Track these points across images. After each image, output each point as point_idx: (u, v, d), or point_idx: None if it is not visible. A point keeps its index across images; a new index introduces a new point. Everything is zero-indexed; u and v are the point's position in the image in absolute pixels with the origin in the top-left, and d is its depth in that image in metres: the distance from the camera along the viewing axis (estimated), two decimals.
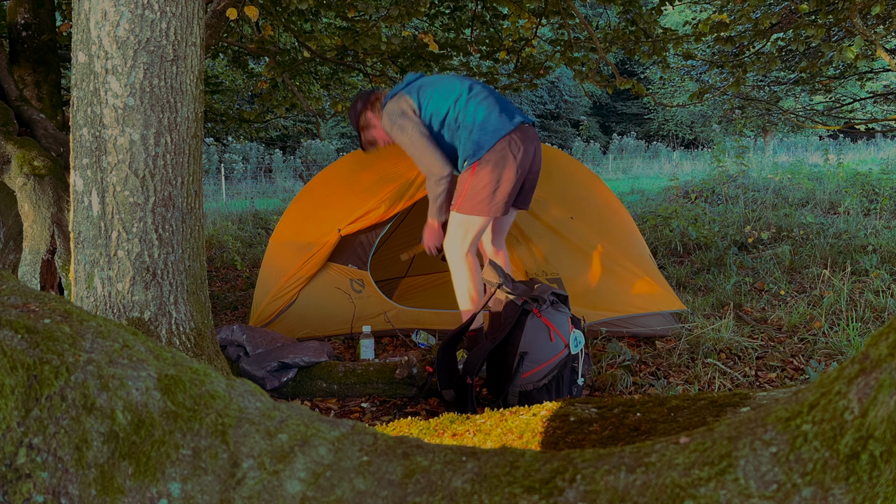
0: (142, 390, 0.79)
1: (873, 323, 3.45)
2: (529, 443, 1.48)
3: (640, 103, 30.61)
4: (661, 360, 3.09)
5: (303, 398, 2.70)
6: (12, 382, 0.74)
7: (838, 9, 4.73)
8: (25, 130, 3.45)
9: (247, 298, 4.66)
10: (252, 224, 8.63)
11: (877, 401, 0.57)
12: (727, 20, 4.93)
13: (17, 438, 0.73)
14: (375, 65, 6.05)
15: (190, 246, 2.12)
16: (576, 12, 4.86)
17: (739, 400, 1.28)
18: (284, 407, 0.84)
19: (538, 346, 2.42)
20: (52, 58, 4.30)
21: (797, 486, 0.58)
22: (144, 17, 1.92)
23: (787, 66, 8.78)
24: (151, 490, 0.73)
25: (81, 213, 2.02)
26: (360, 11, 5.07)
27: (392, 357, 3.01)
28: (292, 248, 3.50)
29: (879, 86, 13.50)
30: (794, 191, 8.64)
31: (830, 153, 11.55)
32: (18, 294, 0.91)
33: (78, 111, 1.99)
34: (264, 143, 22.22)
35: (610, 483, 0.65)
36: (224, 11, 4.02)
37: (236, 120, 7.35)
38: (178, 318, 2.10)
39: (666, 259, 5.30)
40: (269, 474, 0.74)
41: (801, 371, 2.91)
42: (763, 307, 3.84)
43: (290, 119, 12.16)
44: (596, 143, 27.37)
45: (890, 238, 5.13)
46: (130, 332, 0.89)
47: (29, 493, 0.72)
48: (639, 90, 5.24)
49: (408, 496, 0.70)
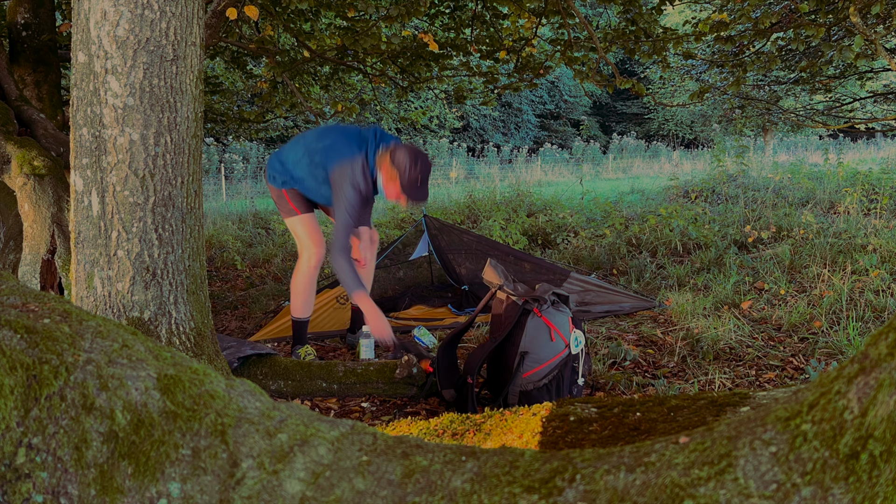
0: (141, 390, 0.79)
1: (873, 322, 3.45)
2: (529, 442, 1.48)
3: (640, 103, 30.60)
4: (661, 359, 3.09)
5: (303, 398, 2.70)
6: (12, 382, 0.74)
7: (838, 8, 4.72)
8: (25, 130, 3.45)
9: (247, 298, 4.65)
10: (252, 224, 8.63)
11: (876, 400, 0.57)
12: (727, 19, 4.93)
13: (17, 438, 0.73)
14: (375, 65, 6.05)
15: (190, 246, 2.12)
16: (576, 12, 4.86)
17: (739, 399, 1.28)
18: (284, 407, 0.84)
19: (539, 346, 2.42)
20: (52, 58, 4.30)
21: (797, 486, 0.58)
22: (144, 17, 1.92)
23: (787, 66, 8.77)
24: (151, 490, 0.73)
25: (81, 212, 2.02)
26: (359, 11, 5.07)
27: (392, 356, 3.01)
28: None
29: (879, 85, 13.50)
30: (794, 190, 8.64)
31: (830, 152, 11.53)
32: (18, 294, 0.91)
33: (78, 111, 1.99)
34: (264, 143, 22.20)
35: (609, 483, 0.65)
36: (224, 11, 4.02)
37: (236, 120, 7.34)
38: (178, 317, 2.10)
39: (666, 259, 5.30)
40: (269, 474, 0.73)
41: (801, 371, 2.91)
42: (763, 307, 3.84)
43: (290, 119, 12.17)
44: (596, 143, 27.37)
45: (890, 237, 5.13)
46: (130, 332, 0.89)
47: (28, 493, 0.72)
48: (639, 90, 5.24)
49: (407, 496, 0.70)
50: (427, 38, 4.88)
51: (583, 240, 6.10)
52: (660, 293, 4.25)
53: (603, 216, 7.20)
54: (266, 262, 6.14)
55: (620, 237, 6.02)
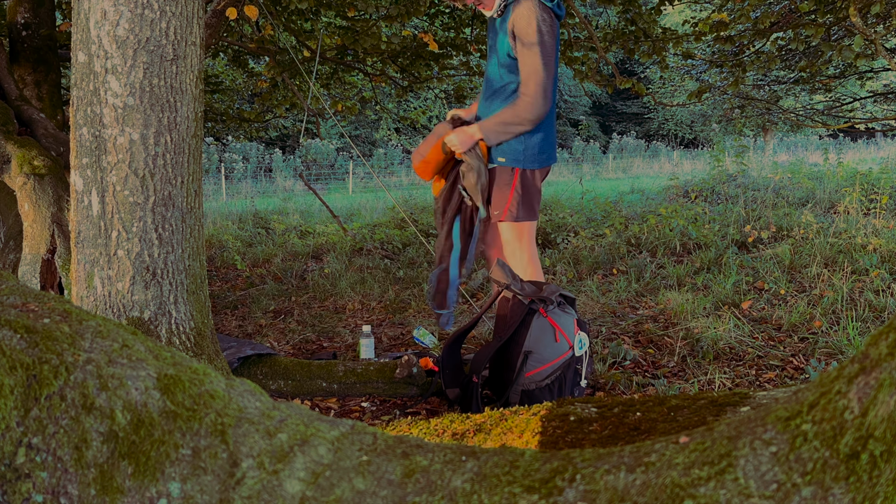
0: (141, 390, 0.79)
1: (873, 322, 3.45)
2: (529, 442, 1.48)
3: (639, 103, 30.61)
4: (661, 359, 3.09)
5: (303, 398, 2.70)
6: (11, 382, 0.74)
7: (838, 7, 4.72)
8: (25, 130, 3.45)
9: (247, 298, 4.66)
10: (252, 224, 8.63)
11: (877, 400, 0.57)
12: (727, 19, 4.93)
13: (17, 438, 0.73)
14: (375, 64, 6.05)
15: (190, 245, 2.12)
16: (576, 12, 4.86)
17: (739, 399, 1.28)
18: (284, 406, 0.84)
19: (543, 346, 2.42)
20: (52, 57, 4.30)
21: (797, 486, 0.58)
22: (144, 17, 1.92)
23: (787, 66, 8.77)
24: (151, 490, 0.73)
25: (81, 212, 2.02)
26: (359, 11, 5.07)
27: (392, 355, 3.01)
28: None
29: (879, 85, 13.50)
30: (794, 190, 8.64)
31: (830, 152, 11.54)
32: (18, 294, 0.91)
33: (78, 111, 1.99)
34: (264, 142, 22.22)
35: (609, 482, 0.65)
36: (224, 11, 4.02)
37: (236, 119, 7.35)
38: (178, 317, 2.10)
39: (666, 258, 5.30)
40: (269, 474, 0.73)
41: (801, 370, 2.91)
42: (763, 306, 3.84)
43: (290, 119, 12.16)
44: (596, 143, 27.38)
45: (890, 237, 5.13)
46: (130, 332, 0.89)
47: (28, 493, 0.72)
48: (639, 89, 5.24)
49: (407, 496, 0.70)
50: (427, 38, 4.88)
51: (583, 239, 6.10)
52: (660, 293, 4.25)
53: (603, 216, 7.20)
54: (266, 262, 6.15)
55: (620, 237, 6.02)
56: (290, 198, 13.15)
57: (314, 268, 5.71)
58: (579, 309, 3.94)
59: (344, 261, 5.79)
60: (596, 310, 4.01)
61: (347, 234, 6.46)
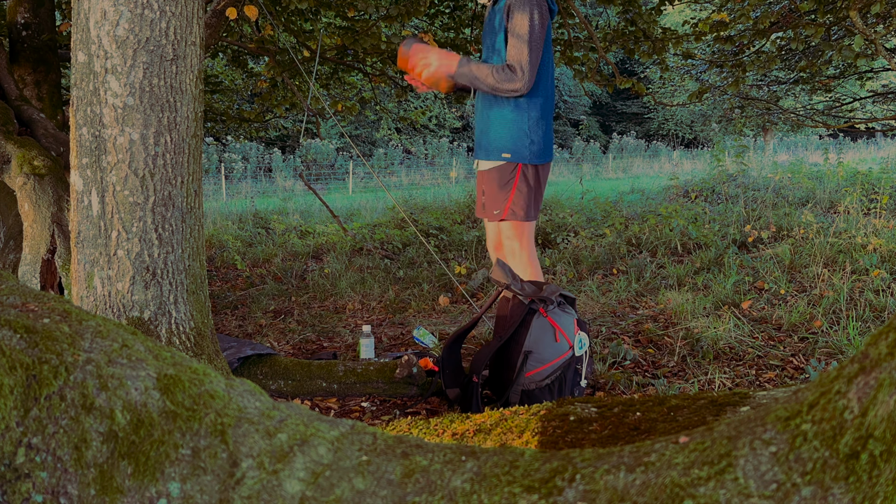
0: (141, 390, 0.79)
1: (873, 322, 3.45)
2: (529, 442, 1.48)
3: (639, 103, 30.61)
4: (661, 359, 3.09)
5: (303, 398, 2.70)
6: (11, 382, 0.74)
7: (837, 7, 4.72)
8: (25, 130, 3.45)
9: (247, 298, 4.66)
10: (252, 224, 8.63)
11: (876, 400, 0.57)
12: (727, 19, 4.93)
13: (16, 438, 0.73)
14: (375, 64, 6.05)
15: (190, 245, 2.12)
16: (576, 12, 4.86)
17: (739, 399, 1.28)
18: (284, 406, 0.84)
19: (543, 346, 2.42)
20: (52, 57, 4.30)
21: (797, 486, 0.58)
22: (144, 17, 1.92)
23: (787, 66, 8.77)
24: (151, 490, 0.73)
25: (81, 212, 2.02)
26: (359, 11, 5.07)
27: (392, 355, 3.01)
28: None
29: (879, 85, 13.50)
30: (794, 190, 8.64)
31: (830, 152, 11.54)
32: (17, 294, 0.91)
33: (78, 111, 1.99)
34: (264, 142, 22.21)
35: (609, 482, 0.65)
36: (224, 11, 4.02)
37: (236, 119, 7.34)
38: (178, 317, 2.10)
39: (666, 258, 5.30)
40: (269, 474, 0.73)
41: (801, 370, 2.91)
42: (763, 306, 3.84)
43: (290, 119, 12.16)
44: (596, 143, 27.38)
45: (890, 237, 5.13)
46: (130, 332, 0.89)
47: (28, 493, 0.72)
48: (639, 89, 5.24)
49: (407, 496, 0.70)
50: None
51: (583, 239, 6.10)
52: (660, 293, 4.25)
53: (603, 216, 7.20)
54: (266, 262, 6.14)
55: (620, 237, 6.02)
56: (290, 198, 13.14)
57: (314, 268, 5.71)
58: (579, 309, 3.94)
59: (344, 261, 5.79)
60: (596, 310, 4.01)
61: (347, 234, 6.46)
